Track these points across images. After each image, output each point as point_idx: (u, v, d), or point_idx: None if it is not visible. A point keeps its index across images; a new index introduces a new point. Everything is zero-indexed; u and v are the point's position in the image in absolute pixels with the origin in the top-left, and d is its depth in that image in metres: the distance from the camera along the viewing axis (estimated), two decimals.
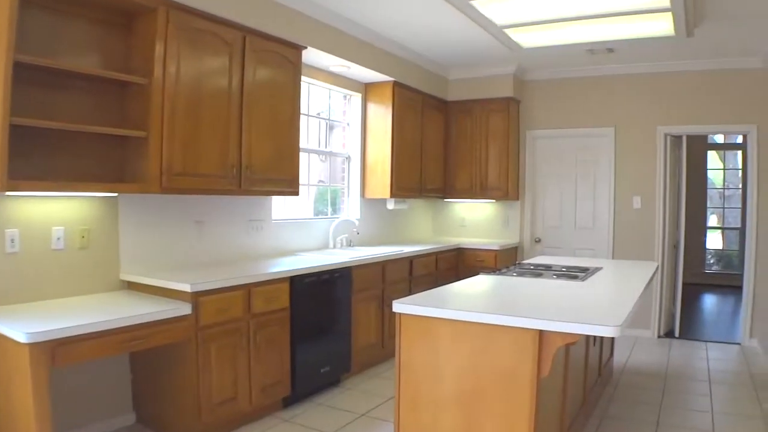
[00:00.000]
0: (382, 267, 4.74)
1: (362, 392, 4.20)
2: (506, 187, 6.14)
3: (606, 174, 6.07)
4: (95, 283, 3.34)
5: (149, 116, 3.21)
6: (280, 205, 4.73)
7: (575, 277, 3.61)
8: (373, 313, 4.65)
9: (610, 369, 4.61)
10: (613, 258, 5.94)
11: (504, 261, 5.96)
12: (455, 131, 6.36)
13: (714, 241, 9.90)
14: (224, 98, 3.64)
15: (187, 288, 3.12)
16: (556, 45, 5.14)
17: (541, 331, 2.37)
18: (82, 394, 3.23)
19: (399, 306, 2.69)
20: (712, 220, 9.88)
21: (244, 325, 3.44)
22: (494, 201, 6.47)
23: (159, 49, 3.21)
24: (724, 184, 9.86)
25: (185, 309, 3.08)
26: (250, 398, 3.51)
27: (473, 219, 6.70)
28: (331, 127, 5.53)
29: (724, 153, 9.88)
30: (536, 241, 6.41)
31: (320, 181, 5.49)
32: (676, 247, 6.15)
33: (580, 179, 6.22)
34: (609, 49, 5.35)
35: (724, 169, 9.89)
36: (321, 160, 5.47)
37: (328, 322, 4.13)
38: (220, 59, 3.61)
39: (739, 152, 9.68)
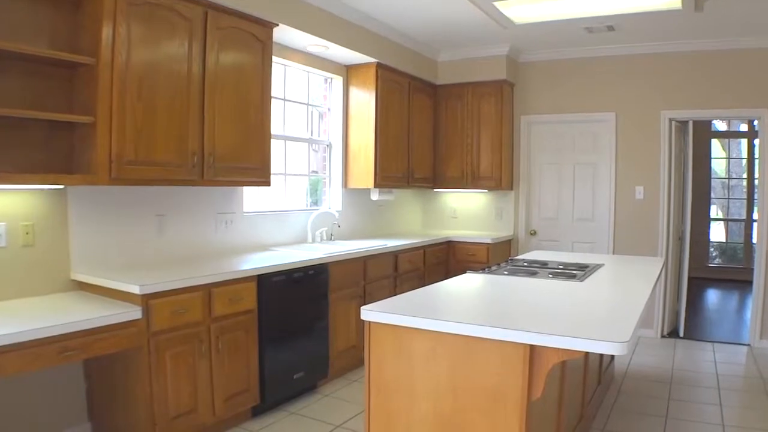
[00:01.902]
0: (363, 263, 4.45)
1: (340, 400, 3.93)
2: (499, 176, 5.84)
3: (606, 162, 5.77)
4: (42, 284, 3.05)
5: (97, 99, 2.93)
6: (256, 197, 4.44)
7: (573, 276, 3.32)
8: (353, 314, 4.36)
9: (611, 374, 4.33)
10: (613, 252, 5.66)
11: (497, 255, 5.69)
12: (445, 117, 6.06)
13: (716, 233, 9.63)
14: (183, 79, 3.33)
15: (135, 289, 2.82)
16: (551, 21, 4.82)
17: (532, 346, 2.05)
18: (33, 403, 2.97)
19: (368, 313, 2.39)
20: (713, 211, 9.59)
21: (204, 329, 3.15)
22: (487, 191, 6.18)
23: (107, 24, 2.90)
24: (728, 174, 9.57)
25: (134, 313, 2.79)
26: (213, 409, 3.23)
27: (465, 210, 6.41)
28: (321, 115, 5.22)
29: (729, 141, 9.58)
30: (531, 234, 6.12)
31: (313, 171, 5.19)
32: (681, 240, 5.88)
33: (578, 168, 5.92)
34: (609, 26, 5.04)
35: (728, 158, 9.60)
36: (314, 150, 5.17)
37: (302, 324, 3.85)
38: (179, 37, 3.29)
39: (743, 140, 9.40)
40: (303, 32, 4.21)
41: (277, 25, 3.94)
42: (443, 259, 5.63)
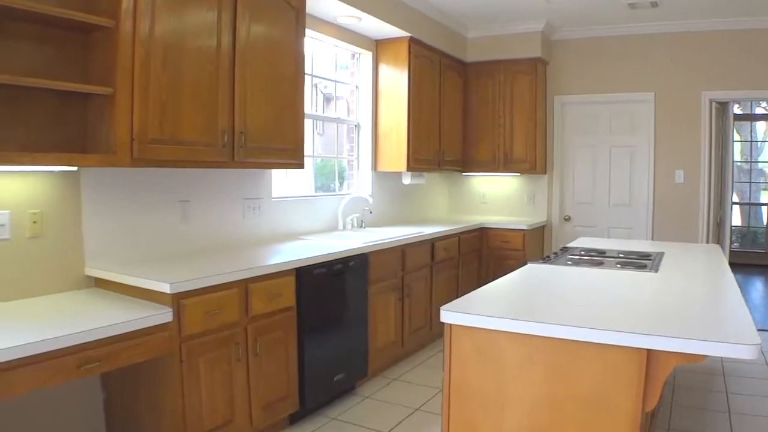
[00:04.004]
0: (401, 252, 3.99)
1: (382, 402, 3.48)
2: (534, 159, 5.36)
3: (645, 145, 5.30)
4: (53, 282, 2.58)
5: (116, 68, 2.44)
6: (278, 182, 3.96)
7: (643, 266, 2.90)
8: (392, 307, 3.91)
9: None
10: (652, 238, 5.23)
11: (532, 242, 5.25)
12: (475, 96, 5.55)
13: (734, 217, 9.19)
14: (212, 48, 2.84)
15: (165, 288, 2.36)
16: None
17: (649, 351, 1.69)
18: (43, 414, 2.51)
19: (450, 315, 1.97)
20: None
21: (241, 331, 2.69)
22: (519, 175, 5.71)
23: None
24: (750, 157, 9.11)
25: (165, 315, 2.32)
26: (251, 419, 2.78)
27: (495, 195, 5.93)
28: (328, 99, 4.71)
29: (751, 124, 9.10)
30: (566, 220, 5.66)
31: (320, 155, 4.67)
32: (719, 225, 5.44)
33: (615, 151, 5.45)
34: (653, 2, 4.56)
35: (751, 141, 9.11)
36: (318, 133, 4.65)
37: (341, 321, 3.38)
38: (207, 2, 2.79)
39: (757, 123, 8.91)
40: (337, 0, 3.71)
41: None
42: (476, 247, 5.17)
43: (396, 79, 4.65)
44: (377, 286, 3.72)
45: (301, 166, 3.46)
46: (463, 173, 5.80)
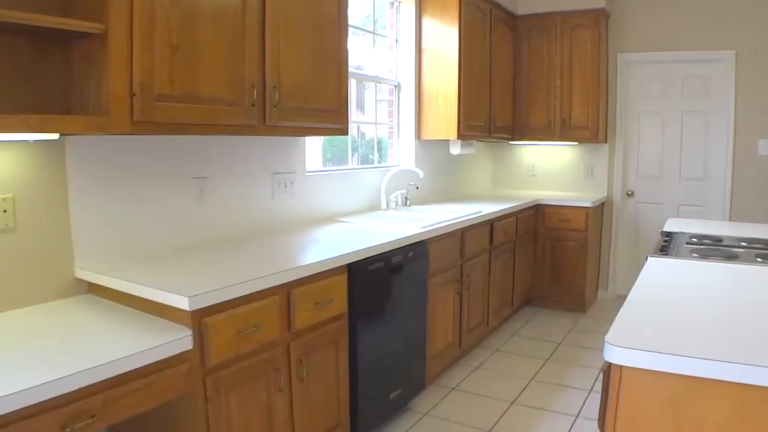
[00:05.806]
0: (460, 236, 3.27)
1: (445, 421, 2.80)
2: (596, 125, 4.58)
3: (722, 110, 4.51)
4: (32, 289, 1.88)
5: None
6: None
7: None
8: (450, 302, 3.21)
9: None
10: (730, 218, 4.50)
11: (594, 222, 4.53)
12: (528, 54, 4.74)
13: None
14: None
15: (183, 303, 1.65)
16: None
17: None
18: None
19: (621, 352, 1.26)
20: None
21: (282, 351, 2.00)
22: (575, 144, 4.94)
23: None
24: None
25: (182, 342, 1.62)
26: None
27: (546, 166, 5.16)
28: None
29: None
30: (628, 195, 4.91)
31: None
32: None
33: (687, 117, 4.66)
34: None
35: None
36: None
37: (399, 326, 2.67)
38: None
39: None
40: None
41: None
42: (531, 227, 4.45)
43: (444, 34, 3.86)
44: (436, 280, 3.02)
45: (344, 131, 2.72)
46: (510, 142, 5.03)
